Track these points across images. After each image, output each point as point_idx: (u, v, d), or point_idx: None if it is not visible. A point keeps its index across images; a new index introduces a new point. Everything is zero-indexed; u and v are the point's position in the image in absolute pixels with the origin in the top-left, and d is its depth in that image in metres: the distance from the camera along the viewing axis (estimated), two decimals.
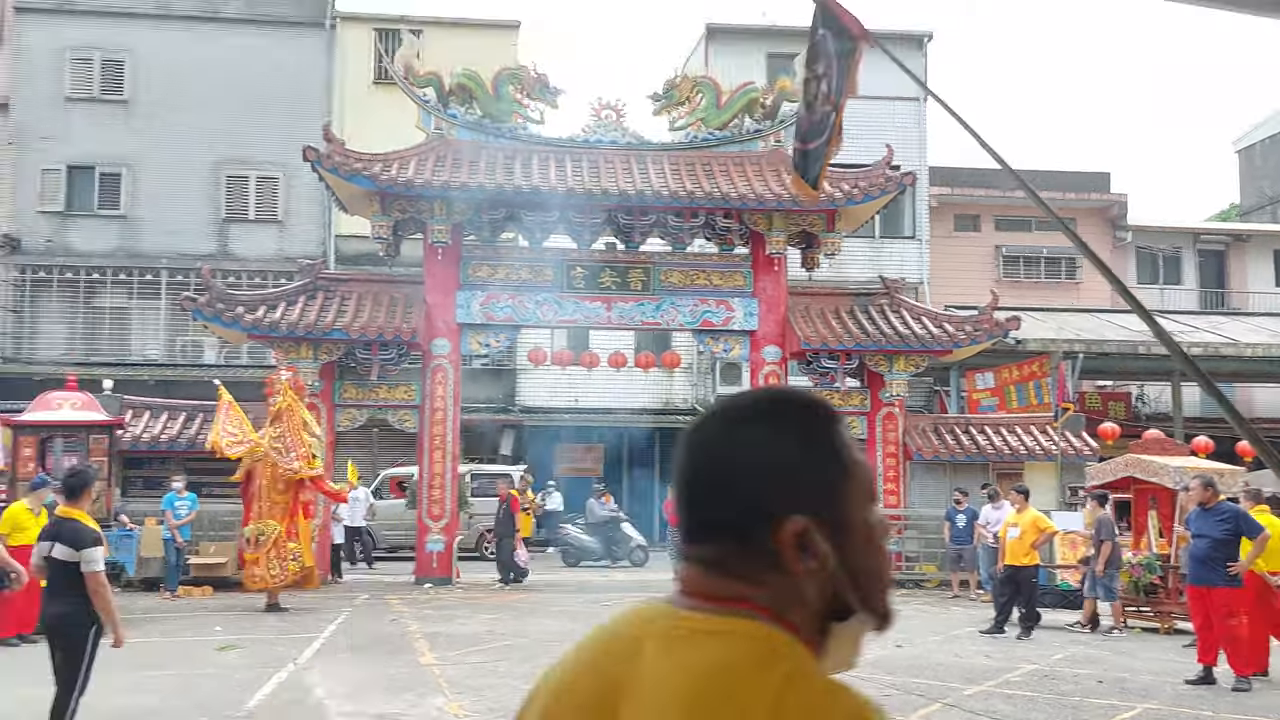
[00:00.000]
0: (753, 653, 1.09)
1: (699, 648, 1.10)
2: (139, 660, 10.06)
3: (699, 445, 1.20)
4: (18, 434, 14.99)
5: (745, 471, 1.15)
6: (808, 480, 1.15)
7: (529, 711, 1.23)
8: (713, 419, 1.21)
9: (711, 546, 1.17)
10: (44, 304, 25.49)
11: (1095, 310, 27.46)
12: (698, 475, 1.19)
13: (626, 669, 1.13)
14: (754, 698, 1.05)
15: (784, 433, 1.17)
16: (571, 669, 1.21)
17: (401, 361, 17.97)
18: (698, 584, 1.16)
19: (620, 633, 1.18)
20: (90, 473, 7.03)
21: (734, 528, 1.15)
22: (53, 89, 25.91)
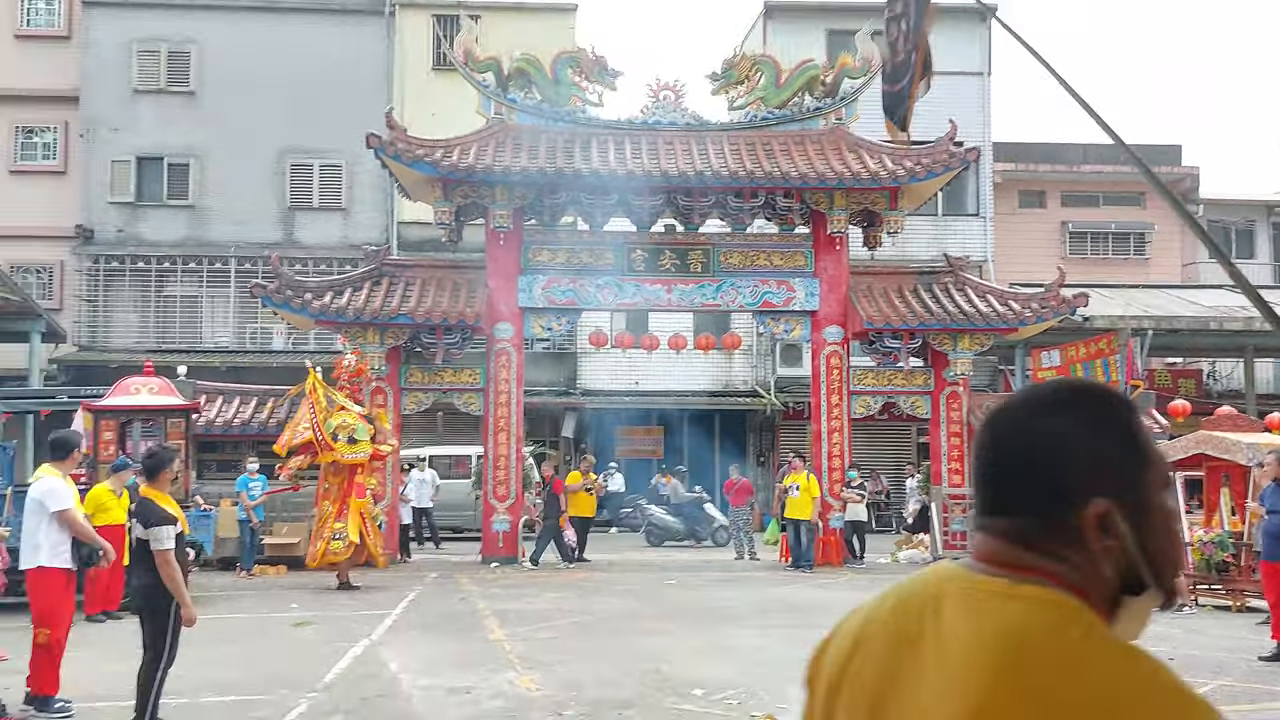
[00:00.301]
0: (1052, 616, 1.18)
1: (1000, 611, 1.19)
2: (219, 636, 10.38)
3: (1009, 430, 1.31)
4: (99, 419, 15.43)
5: (1055, 456, 1.26)
6: (1110, 466, 1.26)
7: (820, 660, 1.37)
8: (1020, 406, 1.32)
9: (1015, 520, 1.27)
10: (117, 293, 26.15)
11: (1165, 286, 26.89)
12: (1007, 457, 1.29)
13: (921, 628, 1.23)
14: (1056, 656, 1.13)
15: (1089, 422, 1.28)
16: (863, 625, 1.32)
17: (465, 345, 18.18)
18: (996, 553, 1.27)
19: (915, 593, 1.29)
20: (166, 454, 7.18)
21: (1040, 506, 1.25)
22: (121, 81, 26.50)
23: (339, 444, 14.71)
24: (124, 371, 18.50)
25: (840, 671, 1.31)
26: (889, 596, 1.33)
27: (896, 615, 1.29)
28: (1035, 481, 1.26)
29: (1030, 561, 1.24)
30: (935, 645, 1.21)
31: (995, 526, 1.29)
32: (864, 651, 1.29)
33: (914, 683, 1.21)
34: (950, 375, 18.54)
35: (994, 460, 1.30)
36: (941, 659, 1.19)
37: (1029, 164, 28.32)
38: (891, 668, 1.25)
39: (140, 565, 6.73)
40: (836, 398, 18.61)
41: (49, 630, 7.46)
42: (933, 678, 1.19)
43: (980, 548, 1.29)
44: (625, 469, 26.51)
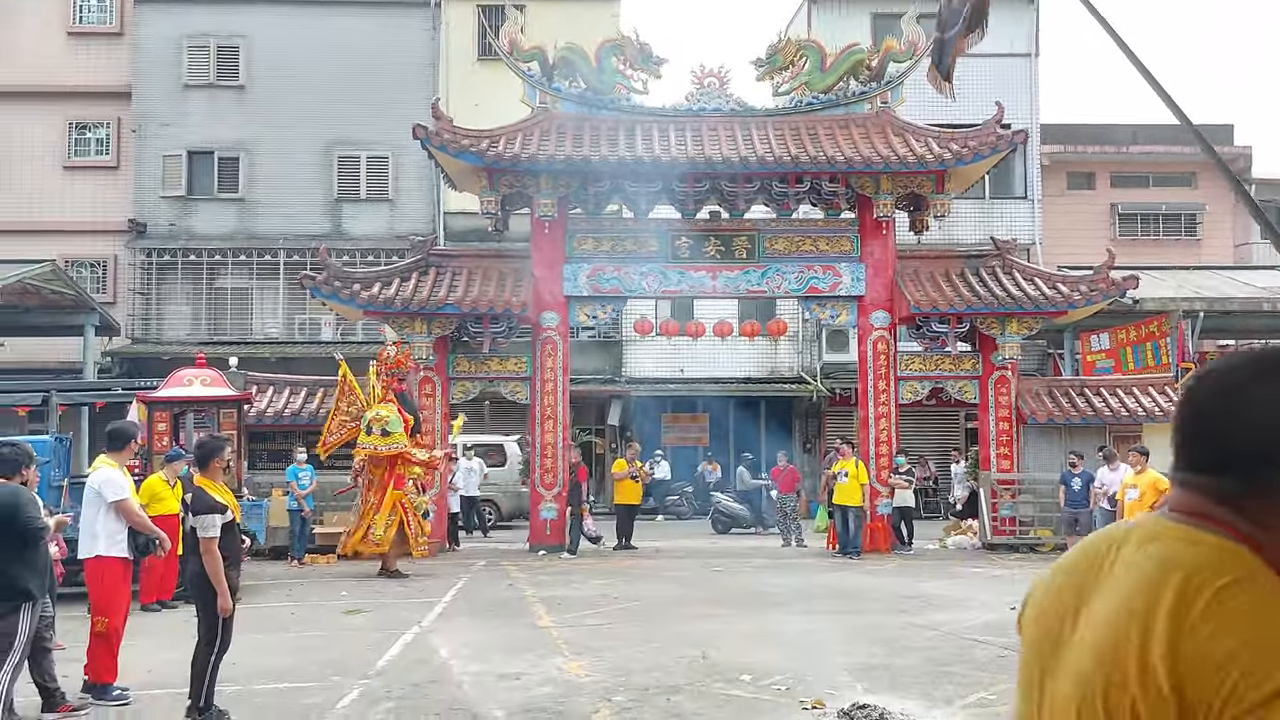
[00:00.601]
0: (1212, 556, 1.24)
1: (1168, 545, 1.29)
2: (272, 623, 10.57)
3: (1241, 391, 1.32)
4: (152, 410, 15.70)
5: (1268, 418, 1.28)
6: None
7: (1026, 607, 1.49)
8: (1244, 369, 1.34)
9: (1222, 479, 1.31)
10: (169, 286, 26.60)
11: (1217, 267, 26.37)
12: (1232, 417, 1.31)
13: (1104, 559, 1.36)
14: (1199, 587, 1.20)
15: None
16: (1056, 568, 1.46)
17: (512, 334, 18.28)
18: (1192, 504, 1.33)
19: (1105, 535, 1.41)
20: (216, 443, 7.20)
21: (1255, 468, 1.28)
22: (171, 77, 26.90)
23: (373, 436, 14.85)
24: (176, 364, 18.79)
25: (1038, 607, 1.44)
26: (1095, 537, 1.44)
27: (1085, 552, 1.41)
28: (1264, 441, 1.28)
29: (1224, 516, 1.29)
30: (1111, 570, 1.33)
31: (1197, 483, 1.33)
32: (1054, 582, 1.43)
33: (1093, 600, 1.33)
34: (998, 360, 18.34)
35: (1217, 419, 1.33)
36: (1115, 581, 1.31)
37: (1077, 145, 27.89)
38: (1073, 592, 1.37)
39: (194, 553, 6.85)
40: (884, 383, 18.49)
41: (107, 619, 7.63)
42: (1106, 596, 1.30)
43: (1176, 500, 1.36)
44: (671, 456, 26.53)
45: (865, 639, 9.69)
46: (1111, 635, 1.25)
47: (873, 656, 8.90)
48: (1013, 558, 16.95)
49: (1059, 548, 16.95)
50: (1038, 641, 1.42)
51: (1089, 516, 15.76)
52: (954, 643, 9.46)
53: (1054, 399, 18.86)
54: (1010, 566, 15.75)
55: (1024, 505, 18.09)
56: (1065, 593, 1.40)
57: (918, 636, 9.85)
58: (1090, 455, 16.52)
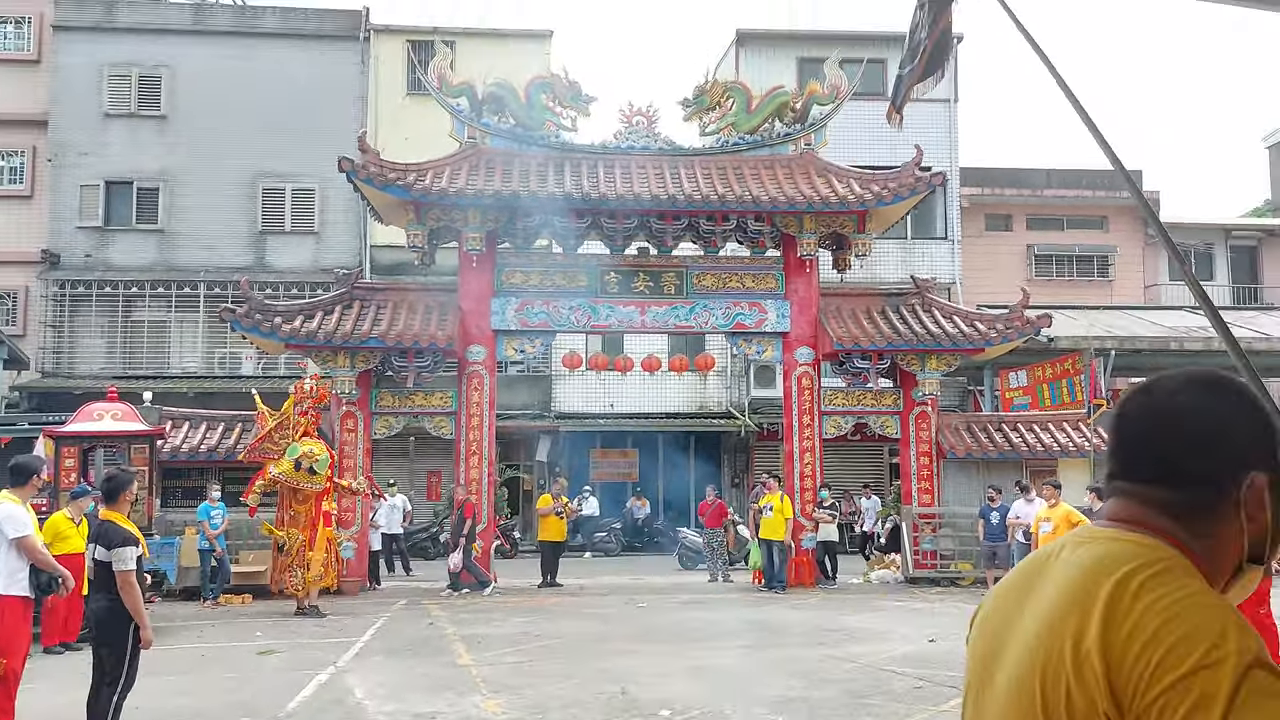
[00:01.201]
0: (1140, 551, 1.33)
1: (1101, 545, 1.38)
2: (181, 664, 10.26)
3: (1174, 405, 1.40)
4: (60, 445, 15.25)
5: (1225, 433, 1.36)
6: (1267, 446, 1.37)
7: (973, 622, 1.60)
8: (1183, 387, 1.42)
9: (1157, 490, 1.39)
10: (83, 318, 25.92)
11: (1128, 307, 27.26)
12: (1168, 430, 1.40)
13: (1042, 562, 1.46)
14: (1128, 576, 1.28)
15: (1246, 405, 1.39)
16: (1011, 575, 1.56)
17: (437, 369, 18.13)
18: (1126, 512, 1.42)
19: (1050, 547, 1.49)
20: (125, 476, 7.03)
21: (1197, 478, 1.36)
22: (91, 105, 26.38)
23: (300, 473, 14.66)
24: (89, 397, 18.29)
25: (980, 622, 1.55)
26: (1036, 552, 1.54)
27: (1027, 563, 1.51)
28: (1199, 453, 1.36)
29: (1156, 521, 1.37)
30: (1049, 574, 1.41)
31: (1132, 490, 1.42)
32: (994, 599, 1.54)
33: (1020, 607, 1.42)
34: (919, 395, 18.66)
35: (1154, 431, 1.40)
36: (1052, 579, 1.39)
37: (995, 188, 28.68)
38: (1010, 602, 1.47)
39: (99, 589, 6.65)
40: (808, 418, 18.68)
41: (6, 660, 7.33)
42: (1042, 595, 1.39)
43: (1114, 509, 1.44)
44: (600, 492, 26.45)
45: (785, 672, 9.71)
46: (1048, 625, 1.33)
47: (791, 689, 8.92)
48: (934, 591, 17.16)
49: (979, 581, 17.21)
50: (982, 652, 1.51)
51: (1006, 550, 16.03)
52: (872, 675, 9.53)
53: (973, 434, 19.24)
54: (931, 600, 15.93)
55: (945, 539, 18.35)
56: (1007, 603, 1.48)
57: (837, 669, 9.90)
58: (1008, 489, 16.85)
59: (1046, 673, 1.30)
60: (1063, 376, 20.22)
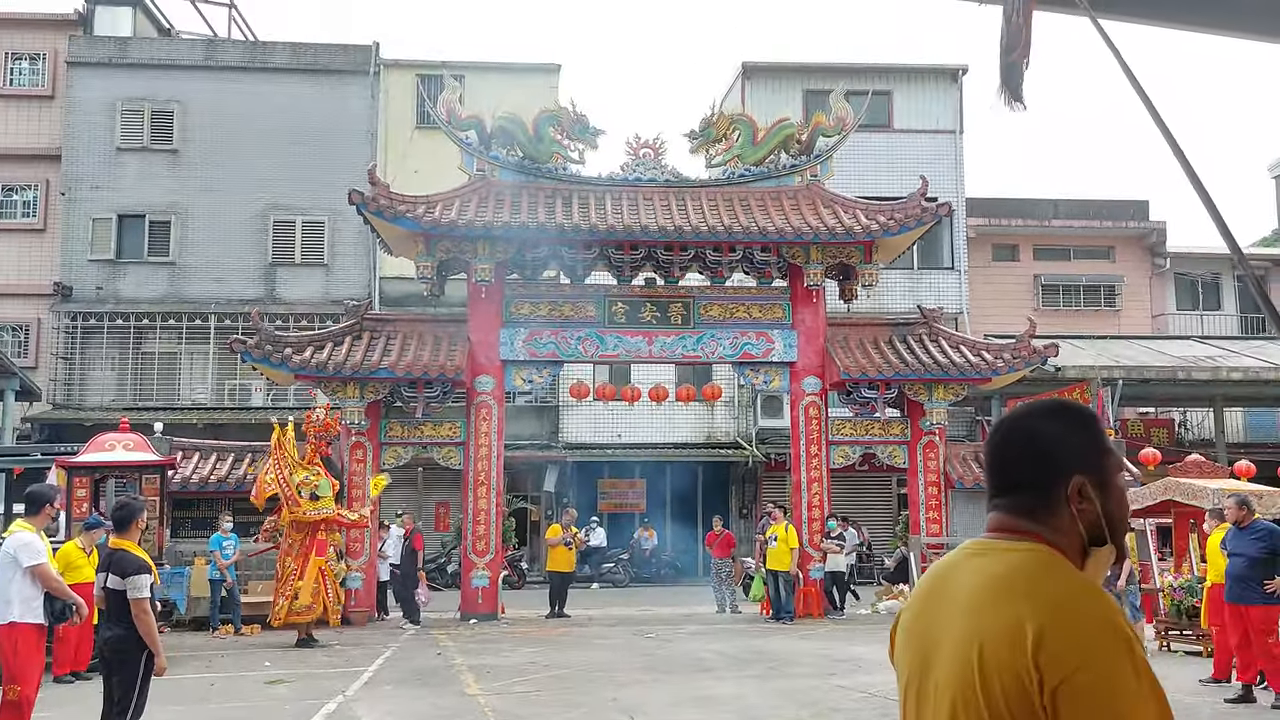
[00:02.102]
0: (1033, 558, 1.68)
1: (995, 556, 1.72)
2: (190, 694, 10.29)
3: (1017, 429, 1.81)
4: (72, 475, 15.34)
5: (1049, 446, 1.75)
6: (1084, 453, 1.75)
7: (893, 634, 1.90)
8: (1024, 414, 1.83)
9: (1017, 496, 1.76)
10: (94, 350, 26.09)
11: (1135, 337, 27.27)
12: (1015, 448, 1.79)
13: (946, 579, 1.77)
14: (1034, 582, 1.63)
15: (1070, 424, 1.78)
16: (919, 586, 1.85)
17: (446, 399, 18.21)
18: (1002, 522, 1.77)
19: (946, 560, 1.83)
20: (136, 505, 7.09)
21: (1037, 482, 1.74)
22: (104, 140, 26.69)
23: (302, 500, 14.68)
24: (99, 429, 18.39)
25: (902, 635, 1.84)
26: (936, 565, 1.86)
27: (931, 576, 1.83)
28: (1034, 464, 1.75)
29: (1025, 526, 1.73)
30: (953, 586, 1.74)
31: (1002, 503, 1.78)
32: (912, 613, 1.83)
33: (943, 612, 1.72)
34: (926, 425, 18.67)
35: (1005, 451, 1.80)
36: (957, 593, 1.71)
37: (1001, 219, 28.78)
38: (931, 615, 1.76)
39: (111, 618, 6.69)
40: (815, 448, 18.70)
41: (19, 687, 7.39)
42: (951, 605, 1.71)
43: (991, 522, 1.79)
44: (607, 523, 26.45)
45: (794, 702, 9.70)
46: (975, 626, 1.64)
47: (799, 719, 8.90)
48: None
49: None
50: (915, 651, 1.79)
51: None
52: (880, 704, 9.51)
53: (981, 464, 19.21)
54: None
55: None
56: (927, 610, 1.78)
57: (844, 699, 9.89)
58: None
59: (985, 656, 1.60)
60: None
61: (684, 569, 25.90)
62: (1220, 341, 26.91)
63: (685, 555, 26.25)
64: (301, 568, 14.57)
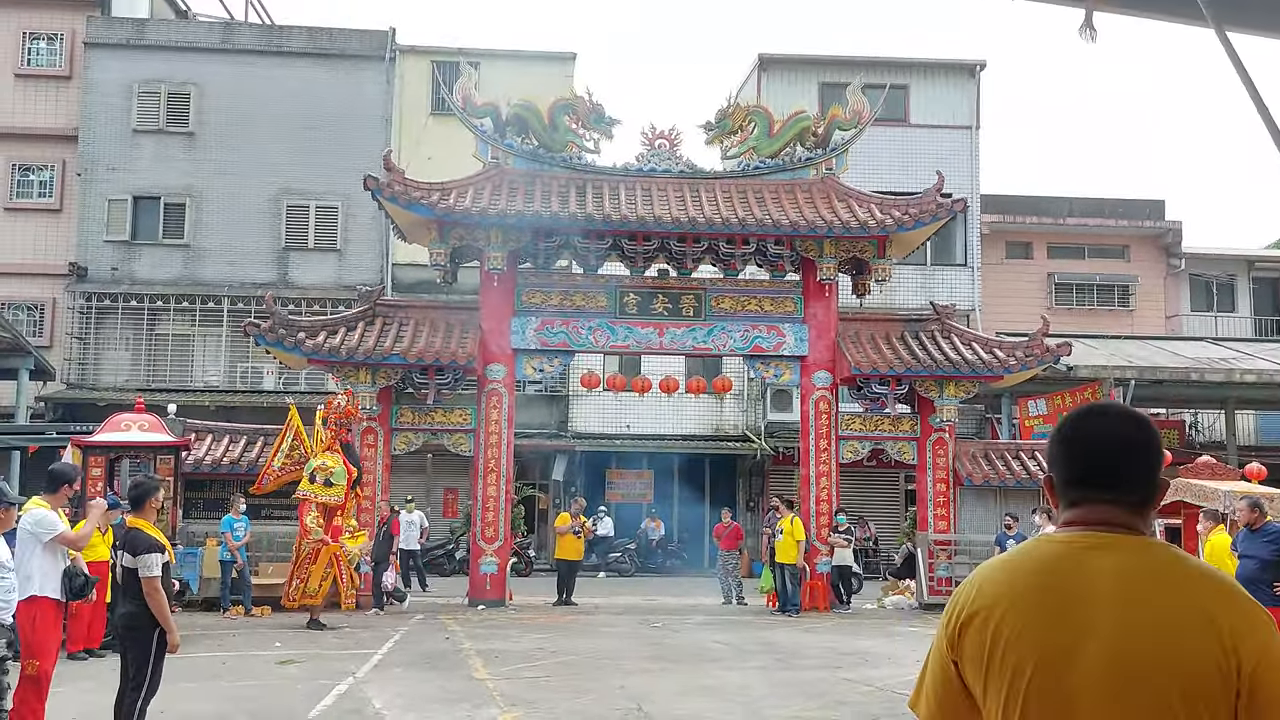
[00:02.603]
0: (1172, 552, 1.84)
1: (1130, 552, 1.81)
2: (202, 672, 10.39)
3: (1140, 434, 1.92)
4: (87, 454, 15.46)
5: (1159, 456, 1.92)
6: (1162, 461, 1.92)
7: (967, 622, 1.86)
8: (1142, 422, 1.94)
9: (1129, 495, 1.87)
10: (109, 331, 26.23)
11: (1149, 338, 27.20)
12: (1137, 452, 1.90)
13: (1071, 568, 1.82)
14: (1189, 573, 1.79)
15: (1158, 434, 1.94)
16: (1015, 572, 1.87)
17: (457, 386, 18.28)
18: (1112, 516, 1.86)
19: (1050, 550, 1.87)
20: (151, 483, 7.16)
21: (1151, 487, 1.89)
22: (120, 121, 26.78)
23: (315, 485, 14.79)
24: (112, 410, 18.51)
25: (999, 624, 1.81)
26: (1024, 561, 1.88)
27: (1041, 568, 1.85)
28: (1153, 469, 1.90)
29: (1137, 524, 1.86)
30: (1088, 584, 1.79)
31: (1108, 499, 1.88)
32: (1021, 605, 1.82)
33: (1085, 614, 1.76)
34: (936, 422, 18.67)
35: (1125, 451, 1.90)
36: (1099, 590, 1.77)
37: (1015, 216, 28.71)
38: (1060, 609, 1.78)
39: (125, 595, 6.77)
40: (825, 443, 18.72)
41: (38, 661, 7.47)
42: (1097, 605, 1.76)
43: (1093, 514, 1.88)
44: (615, 513, 26.52)
45: (801, 694, 9.76)
46: (1166, 626, 1.73)
47: (806, 710, 8.97)
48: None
49: None
50: (1031, 658, 1.78)
51: None
52: (887, 698, 9.56)
53: (990, 462, 19.23)
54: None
55: (960, 566, 18.31)
56: (1040, 611, 1.80)
57: (851, 692, 9.94)
58: (1025, 517, 16.81)
59: (1179, 644, 1.71)
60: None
61: (690, 560, 25.98)
62: (1234, 343, 26.84)
63: (692, 546, 26.32)
64: (315, 552, 14.69)
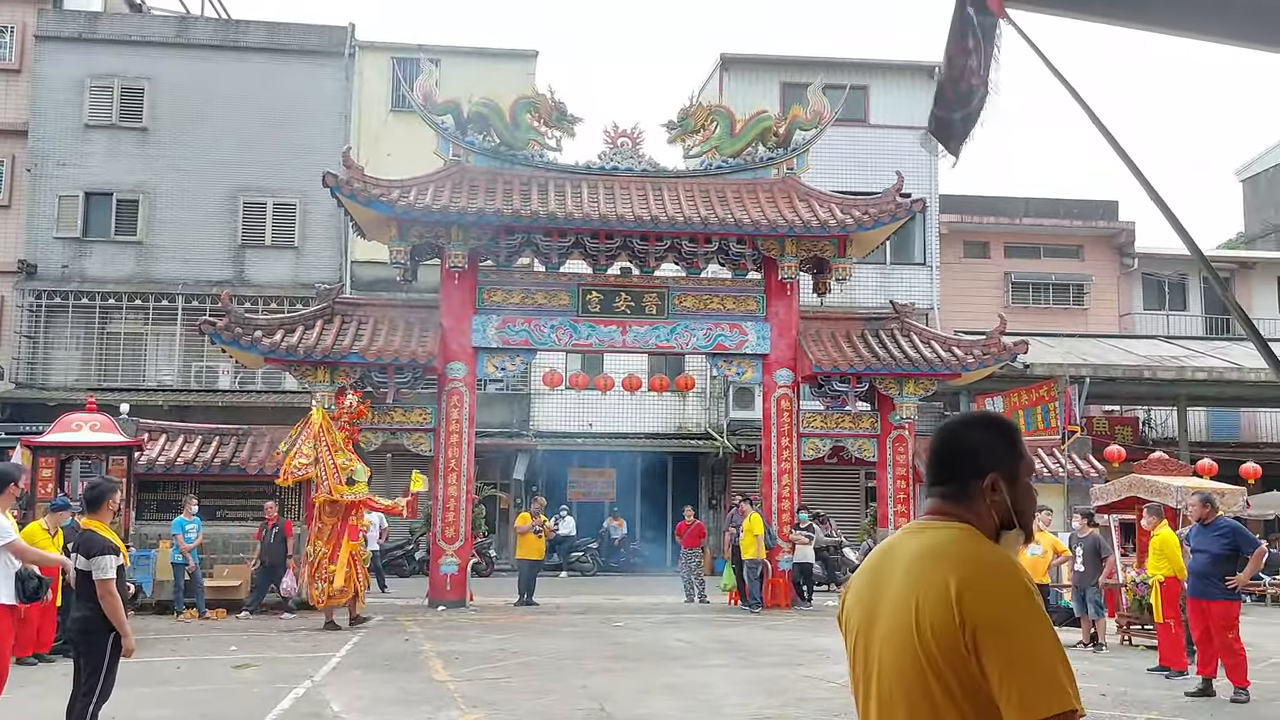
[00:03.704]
0: (958, 533, 2.12)
1: (930, 533, 2.15)
2: (157, 676, 10.20)
3: (950, 434, 2.26)
4: (37, 455, 15.16)
5: (973, 449, 2.20)
6: (1000, 456, 2.19)
7: (842, 603, 2.31)
8: (958, 422, 2.30)
9: (947, 487, 2.20)
10: (59, 329, 25.73)
11: (1103, 336, 27.58)
12: (948, 449, 2.23)
13: (891, 548, 2.22)
14: (957, 550, 2.06)
15: (991, 432, 2.23)
16: (859, 569, 2.28)
17: (417, 385, 18.12)
18: (935, 507, 2.21)
19: (891, 539, 2.26)
20: (108, 485, 7.02)
21: (963, 478, 2.18)
22: (72, 116, 26.27)
23: (339, 485, 14.80)
24: (63, 409, 18.14)
25: (852, 599, 2.25)
26: (877, 547, 2.29)
27: (878, 551, 2.26)
28: (962, 463, 2.20)
29: (953, 511, 2.17)
30: (895, 557, 2.17)
31: (936, 492, 2.22)
32: (860, 580, 2.25)
33: (888, 583, 2.13)
34: (896, 419, 18.80)
35: (940, 451, 2.24)
36: (896, 564, 2.14)
37: (973, 216, 28.96)
38: (876, 581, 2.18)
39: (79, 598, 6.63)
40: (786, 440, 18.78)
41: None
42: (893, 571, 2.14)
43: (927, 507, 2.24)
44: (577, 512, 26.43)
45: (763, 691, 9.76)
46: (916, 579, 2.05)
47: (767, 708, 8.96)
48: None
49: None
50: (864, 608, 2.19)
51: None
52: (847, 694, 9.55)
53: None
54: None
55: None
56: (875, 578, 2.19)
57: (813, 689, 9.96)
58: None
59: (920, 606, 2.01)
60: (1038, 403, 20.41)
61: (652, 559, 25.95)
62: (1185, 341, 27.26)
63: (654, 545, 26.30)
64: (333, 551, 14.70)
